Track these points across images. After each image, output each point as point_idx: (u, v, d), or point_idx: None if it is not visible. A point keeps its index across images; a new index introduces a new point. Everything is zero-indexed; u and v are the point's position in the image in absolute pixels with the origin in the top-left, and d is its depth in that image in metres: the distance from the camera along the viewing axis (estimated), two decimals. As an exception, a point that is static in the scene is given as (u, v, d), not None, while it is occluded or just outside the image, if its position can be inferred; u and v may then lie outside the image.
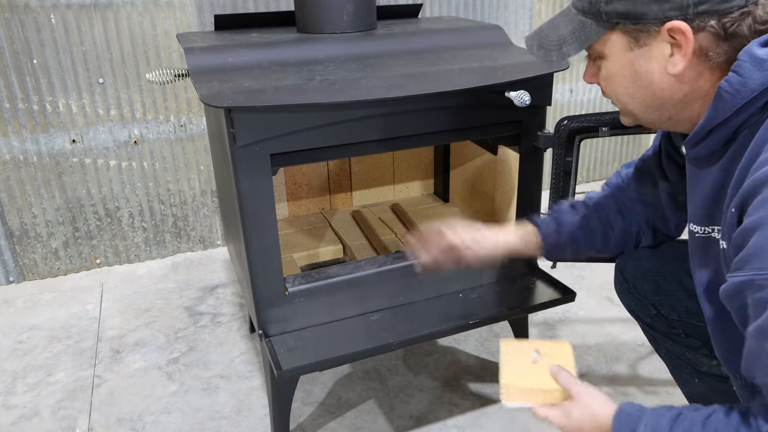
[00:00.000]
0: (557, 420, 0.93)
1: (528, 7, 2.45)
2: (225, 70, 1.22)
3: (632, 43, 0.79)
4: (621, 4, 0.77)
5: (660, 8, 0.75)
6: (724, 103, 0.74)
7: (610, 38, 0.81)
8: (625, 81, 0.83)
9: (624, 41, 0.80)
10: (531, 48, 0.90)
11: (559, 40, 0.85)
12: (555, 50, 0.86)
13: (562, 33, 0.86)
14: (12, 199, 2.01)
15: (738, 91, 0.73)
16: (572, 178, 1.37)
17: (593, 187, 2.73)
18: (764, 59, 0.70)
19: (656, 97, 0.82)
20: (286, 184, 1.83)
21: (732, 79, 0.73)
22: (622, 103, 0.87)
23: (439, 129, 1.27)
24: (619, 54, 0.81)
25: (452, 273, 1.40)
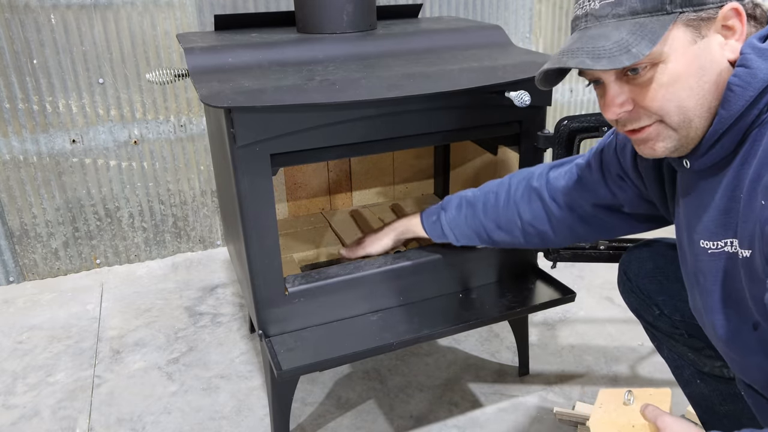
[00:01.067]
0: None
1: (528, 8, 2.45)
2: (225, 70, 1.22)
3: (695, 35, 0.74)
4: None
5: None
6: (736, 98, 0.73)
7: (671, 35, 0.74)
8: (692, 79, 0.75)
9: (687, 35, 0.74)
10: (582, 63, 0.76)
11: (621, 44, 0.74)
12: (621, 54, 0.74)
13: (618, 38, 0.75)
14: (12, 199, 2.01)
15: (748, 83, 0.71)
16: (572, 178, 1.37)
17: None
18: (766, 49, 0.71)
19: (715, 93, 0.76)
20: (286, 184, 1.83)
21: (740, 73, 0.72)
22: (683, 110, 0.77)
23: (439, 129, 1.26)
24: (683, 49, 0.74)
25: (452, 273, 1.40)
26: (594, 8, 0.78)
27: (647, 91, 0.76)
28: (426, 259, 1.37)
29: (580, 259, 1.46)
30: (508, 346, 1.69)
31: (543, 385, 1.55)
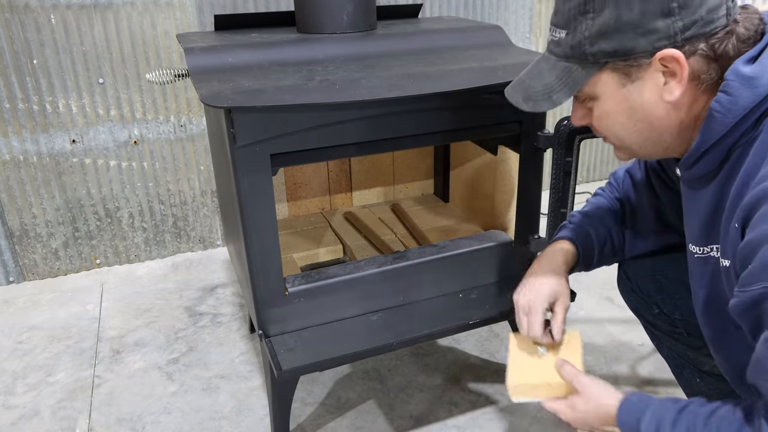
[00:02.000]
0: (564, 414, 0.94)
1: (528, 8, 2.46)
2: (225, 70, 1.22)
3: (624, 79, 0.78)
4: (607, 43, 0.76)
5: (648, 41, 0.74)
6: (716, 124, 0.74)
7: (600, 78, 0.80)
8: (622, 117, 0.81)
9: (616, 79, 0.79)
10: (517, 102, 0.87)
11: (546, 88, 0.83)
12: (544, 100, 0.83)
13: (547, 81, 0.83)
14: (12, 199, 2.01)
15: (729, 110, 0.73)
16: (572, 178, 1.37)
17: (593, 187, 2.73)
18: (751, 77, 0.71)
19: (654, 128, 0.81)
20: (286, 184, 1.83)
21: (722, 99, 0.73)
22: (618, 139, 0.85)
23: (439, 129, 1.27)
24: (612, 92, 0.80)
25: (452, 273, 1.40)
26: (549, 40, 0.85)
27: (592, 117, 0.85)
28: (426, 259, 1.37)
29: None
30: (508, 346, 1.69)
31: (543, 385, 1.55)
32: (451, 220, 1.80)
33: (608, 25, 0.75)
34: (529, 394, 1.01)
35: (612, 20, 0.75)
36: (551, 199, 1.39)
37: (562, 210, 1.39)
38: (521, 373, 1.02)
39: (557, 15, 0.82)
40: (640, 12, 0.73)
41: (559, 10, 0.82)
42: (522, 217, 1.43)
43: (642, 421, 0.81)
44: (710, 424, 0.74)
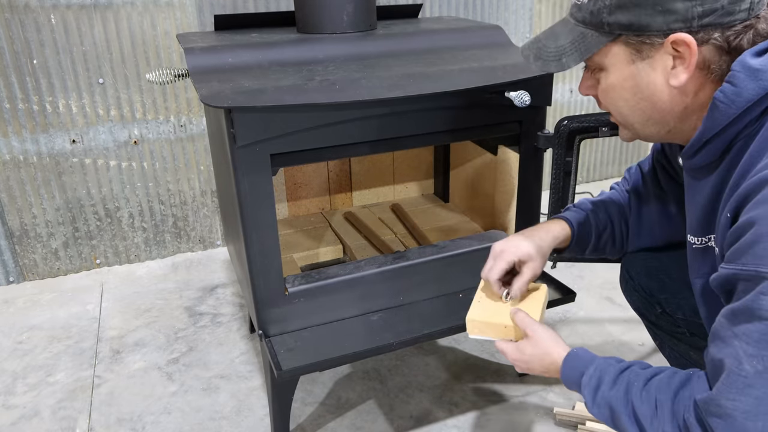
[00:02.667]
0: (510, 354, 0.98)
1: (528, 8, 2.46)
2: (225, 70, 1.22)
3: (635, 55, 0.78)
4: (624, 15, 0.76)
5: (664, 20, 0.74)
6: (719, 114, 0.74)
7: (611, 50, 0.80)
8: (627, 93, 0.82)
9: (626, 53, 0.79)
10: (527, 58, 0.89)
11: (558, 50, 0.84)
12: (553, 61, 0.84)
13: (561, 44, 0.84)
14: (12, 199, 2.01)
15: (733, 101, 0.73)
16: (572, 179, 1.37)
17: (593, 187, 2.73)
18: (758, 69, 0.71)
19: (657, 110, 0.81)
20: (286, 184, 1.83)
21: (727, 90, 0.73)
22: (622, 116, 0.85)
23: (439, 129, 1.26)
24: (621, 66, 0.80)
25: (452, 273, 1.40)
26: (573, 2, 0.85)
27: (597, 88, 0.86)
28: (426, 259, 1.37)
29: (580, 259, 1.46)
30: (508, 346, 1.69)
31: (543, 385, 1.55)
32: (451, 220, 1.80)
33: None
34: (485, 332, 1.05)
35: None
36: (551, 199, 1.39)
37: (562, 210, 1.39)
38: (481, 311, 1.06)
39: None
40: None
41: None
42: (522, 217, 1.43)
43: (584, 375, 0.85)
44: (649, 387, 0.77)
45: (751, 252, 0.66)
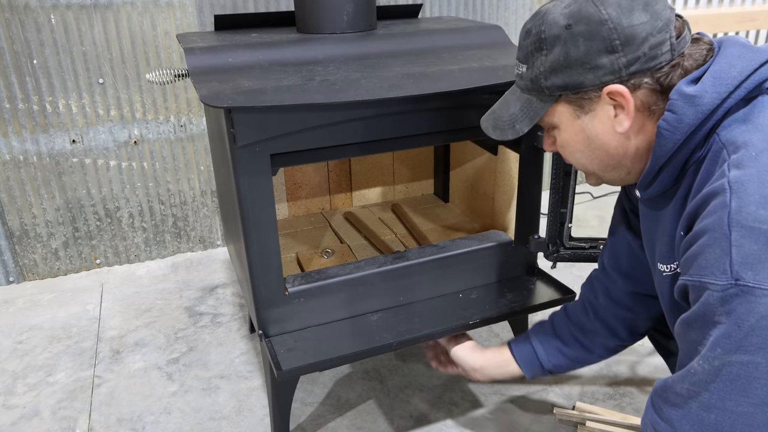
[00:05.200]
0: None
1: (528, 8, 2.46)
2: (225, 70, 1.22)
3: (578, 111, 0.84)
4: (559, 77, 0.82)
5: (595, 76, 0.80)
6: (665, 141, 0.79)
7: (556, 110, 0.86)
8: (580, 146, 0.87)
9: (570, 110, 0.85)
10: (486, 129, 0.96)
11: (511, 118, 0.90)
12: (509, 129, 0.91)
13: (512, 112, 0.90)
14: (12, 199, 2.01)
15: (676, 127, 0.77)
16: (572, 179, 1.37)
17: (593, 187, 2.73)
18: (693, 95, 0.75)
19: (611, 156, 0.86)
20: (286, 184, 1.83)
21: (668, 118, 0.77)
22: (582, 166, 0.90)
23: (439, 129, 1.26)
24: (569, 122, 0.86)
25: (452, 273, 1.40)
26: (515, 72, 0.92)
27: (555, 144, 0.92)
28: (426, 259, 1.37)
29: (580, 259, 1.46)
30: (508, 346, 1.69)
31: (543, 385, 1.55)
32: (451, 220, 1.80)
33: (558, 62, 0.81)
34: None
35: (561, 57, 0.81)
36: (551, 199, 1.39)
37: (562, 210, 1.39)
38: None
39: (519, 50, 0.89)
40: (586, 50, 0.79)
41: (520, 46, 0.89)
42: (522, 217, 1.43)
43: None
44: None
45: (696, 263, 0.72)
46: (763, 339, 0.66)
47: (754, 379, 0.67)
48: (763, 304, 0.65)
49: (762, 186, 0.68)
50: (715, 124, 0.76)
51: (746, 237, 0.67)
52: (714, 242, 0.69)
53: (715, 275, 0.69)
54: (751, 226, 0.67)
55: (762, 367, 0.67)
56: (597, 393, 1.51)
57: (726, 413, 0.70)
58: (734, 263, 0.67)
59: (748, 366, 0.67)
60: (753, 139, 0.72)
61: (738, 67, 0.76)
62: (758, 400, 0.68)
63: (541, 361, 1.20)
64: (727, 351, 0.68)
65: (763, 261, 0.66)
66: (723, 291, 0.68)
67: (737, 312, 0.67)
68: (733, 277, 0.67)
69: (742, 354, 0.67)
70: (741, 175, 0.70)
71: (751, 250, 0.66)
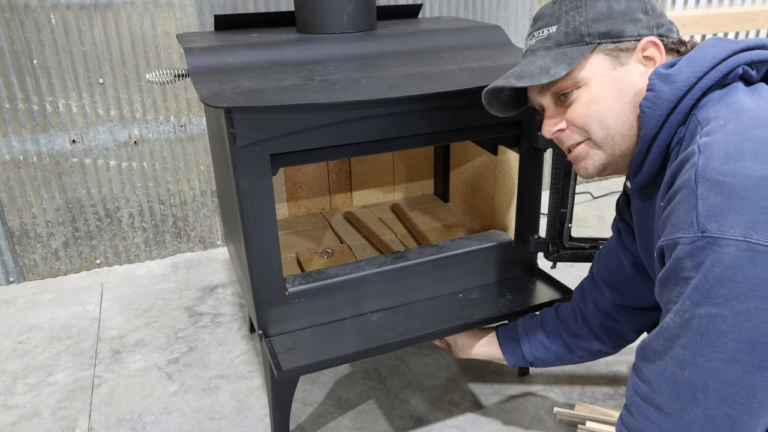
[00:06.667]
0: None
1: (528, 8, 2.46)
2: (225, 70, 1.22)
3: (614, 62, 0.86)
4: (602, 25, 0.86)
5: (635, 27, 0.86)
6: (648, 119, 0.82)
7: (589, 62, 0.87)
8: (611, 100, 0.86)
9: (606, 62, 0.87)
10: (508, 82, 0.90)
11: (542, 67, 0.88)
12: (542, 74, 0.87)
13: (542, 63, 0.89)
14: (12, 199, 2.01)
15: (656, 104, 0.81)
16: (572, 179, 1.37)
17: (593, 187, 2.73)
18: (669, 74, 0.81)
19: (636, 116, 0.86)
20: (286, 184, 1.83)
21: (648, 96, 0.82)
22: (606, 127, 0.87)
23: (439, 129, 1.26)
24: (603, 73, 0.87)
25: (452, 273, 1.40)
26: (531, 45, 0.94)
27: (574, 109, 0.89)
28: (426, 259, 1.37)
29: (580, 259, 1.46)
30: (508, 346, 1.69)
31: (543, 385, 1.55)
32: (451, 220, 1.80)
33: (602, 13, 0.87)
34: None
35: (605, 9, 0.87)
36: (551, 199, 1.39)
37: (562, 210, 1.39)
38: None
39: (543, 19, 0.92)
40: (627, 5, 0.87)
41: (545, 14, 0.92)
42: (522, 217, 1.43)
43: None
44: None
45: (669, 223, 0.74)
46: (728, 291, 0.67)
47: (722, 333, 0.68)
48: (727, 254, 0.66)
49: (726, 145, 0.71)
50: (693, 104, 0.80)
51: (711, 190, 0.69)
52: (683, 200, 0.72)
53: (684, 229, 0.70)
54: (715, 179, 0.69)
55: (729, 321, 0.67)
56: (597, 393, 1.52)
57: (698, 369, 0.71)
58: (700, 216, 0.69)
59: (716, 319, 0.68)
60: (723, 113, 0.76)
61: (711, 52, 0.80)
62: (727, 356, 0.68)
63: (523, 351, 1.26)
64: (695, 303, 0.70)
65: (727, 212, 0.67)
66: (691, 244, 0.69)
67: (705, 264, 0.68)
68: (699, 230, 0.68)
69: (709, 306, 0.68)
70: (709, 140, 0.73)
71: (716, 202, 0.68)
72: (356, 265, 1.34)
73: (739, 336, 0.67)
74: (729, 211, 0.67)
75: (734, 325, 0.67)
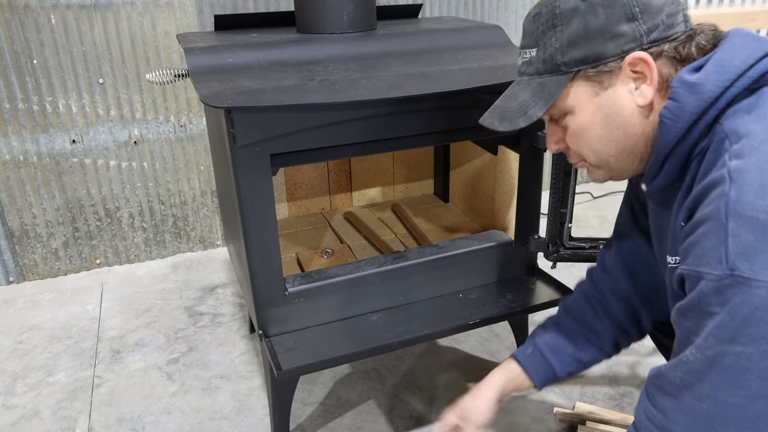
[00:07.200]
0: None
1: (528, 8, 2.46)
2: (225, 70, 1.22)
3: (597, 87, 0.80)
4: (578, 50, 0.79)
5: (616, 44, 0.77)
6: (667, 131, 0.77)
7: (572, 90, 0.82)
8: (598, 128, 0.83)
9: (588, 88, 0.81)
10: (492, 124, 0.89)
11: (521, 106, 0.85)
12: (520, 116, 0.85)
13: (522, 99, 0.86)
14: (12, 199, 2.01)
15: (678, 116, 0.75)
16: (572, 179, 1.37)
17: (593, 187, 2.73)
18: (695, 83, 0.74)
19: (629, 137, 0.82)
20: (286, 184, 1.83)
21: (670, 106, 0.76)
22: (597, 154, 0.85)
23: (439, 129, 1.26)
24: (586, 102, 0.82)
25: (452, 273, 1.40)
26: (518, 66, 0.89)
27: (567, 135, 0.86)
28: (426, 259, 1.37)
29: (580, 259, 1.46)
30: (508, 346, 1.69)
31: (543, 385, 1.55)
32: (451, 220, 1.80)
33: (577, 34, 0.79)
34: None
35: (580, 29, 0.78)
36: (551, 199, 1.39)
37: (562, 210, 1.39)
38: None
39: (525, 38, 0.86)
40: (606, 18, 0.77)
41: (527, 32, 0.86)
42: (522, 217, 1.43)
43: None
44: None
45: (693, 253, 0.71)
46: (756, 330, 0.65)
47: (747, 371, 0.67)
48: (758, 296, 0.64)
49: (761, 176, 0.67)
50: (719, 113, 0.74)
51: (743, 227, 0.66)
52: (711, 231, 0.68)
53: (711, 265, 0.68)
54: (749, 215, 0.66)
55: (755, 359, 0.66)
56: (597, 393, 1.51)
57: (718, 403, 0.69)
58: (730, 253, 0.66)
59: (741, 357, 0.67)
60: (756, 129, 0.71)
61: (741, 56, 0.74)
62: (750, 392, 0.67)
63: (555, 371, 1.13)
64: (721, 341, 0.68)
65: (759, 251, 0.65)
66: (718, 281, 0.67)
67: (732, 303, 0.66)
68: (728, 267, 0.66)
69: (735, 345, 0.67)
70: (741, 165, 0.68)
71: (748, 240, 0.65)
72: (356, 265, 1.34)
73: (764, 373, 0.66)
74: (762, 251, 0.64)
75: (760, 363, 0.66)
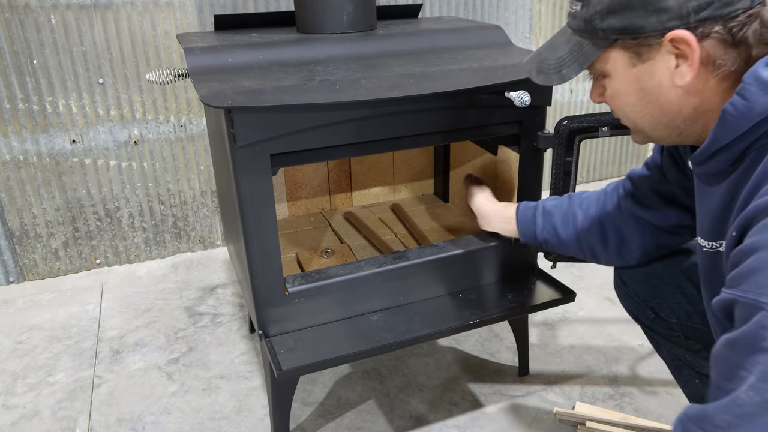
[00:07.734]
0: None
1: (528, 8, 2.46)
2: (225, 70, 1.22)
3: (635, 59, 0.76)
4: (617, 19, 0.74)
5: (659, 19, 0.71)
6: (728, 126, 0.71)
7: (610, 56, 0.78)
8: (632, 98, 0.79)
9: (626, 57, 0.77)
10: (530, 72, 0.89)
11: (558, 62, 0.83)
12: (554, 73, 0.84)
13: (560, 55, 0.83)
14: (12, 199, 2.01)
15: (743, 114, 0.69)
16: (572, 179, 1.37)
17: (593, 187, 2.73)
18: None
19: (665, 113, 0.78)
20: (286, 184, 1.83)
21: (737, 103, 0.70)
22: (631, 120, 0.83)
23: (439, 129, 1.26)
24: (622, 71, 0.78)
25: (452, 273, 1.40)
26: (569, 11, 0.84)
27: (606, 94, 0.84)
28: (426, 259, 1.37)
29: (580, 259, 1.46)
30: (508, 346, 1.69)
31: (543, 385, 1.55)
32: (451, 220, 1.80)
33: (618, 1, 0.73)
34: None
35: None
36: (551, 199, 1.39)
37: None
38: None
39: None
40: None
41: None
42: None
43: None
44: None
45: (752, 279, 0.64)
46: None
47: None
48: None
49: None
50: None
51: None
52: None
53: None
54: None
55: None
56: (597, 393, 1.52)
57: None
58: None
59: None
60: None
61: None
62: None
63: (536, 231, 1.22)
64: None
65: None
66: None
67: None
68: None
69: None
70: None
71: None
72: (356, 265, 1.34)
73: None
74: None
75: None
